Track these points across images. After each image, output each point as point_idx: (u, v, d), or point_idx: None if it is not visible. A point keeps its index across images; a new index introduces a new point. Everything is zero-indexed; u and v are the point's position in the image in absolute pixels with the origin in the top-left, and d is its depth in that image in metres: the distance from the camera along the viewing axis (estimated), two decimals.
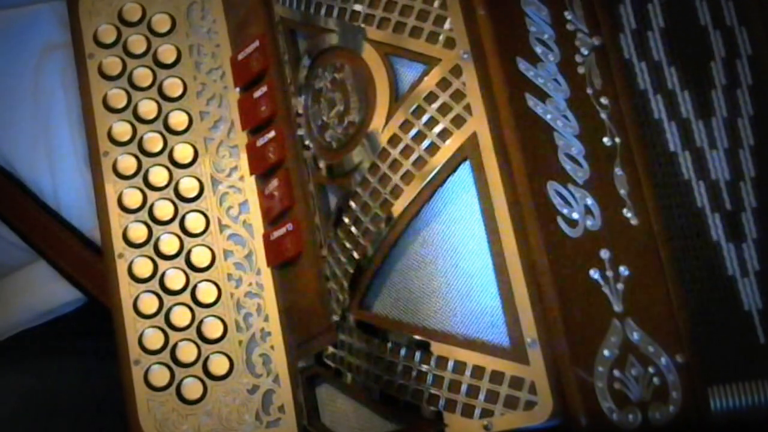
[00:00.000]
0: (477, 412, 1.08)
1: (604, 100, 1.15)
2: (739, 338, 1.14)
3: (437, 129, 1.13)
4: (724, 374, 1.11)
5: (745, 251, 1.16)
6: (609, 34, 1.17)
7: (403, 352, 1.12)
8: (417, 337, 1.11)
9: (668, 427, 1.08)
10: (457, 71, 1.13)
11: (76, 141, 1.37)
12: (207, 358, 1.29)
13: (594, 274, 1.10)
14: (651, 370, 1.09)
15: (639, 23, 1.19)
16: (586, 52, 1.16)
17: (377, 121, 1.15)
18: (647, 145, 1.16)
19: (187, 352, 1.29)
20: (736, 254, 1.16)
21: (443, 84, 1.13)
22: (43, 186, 1.37)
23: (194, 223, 1.32)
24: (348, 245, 1.17)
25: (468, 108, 1.12)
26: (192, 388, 1.28)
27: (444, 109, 1.13)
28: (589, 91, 1.15)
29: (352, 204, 1.16)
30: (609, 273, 1.10)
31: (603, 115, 1.15)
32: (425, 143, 1.13)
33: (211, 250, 1.32)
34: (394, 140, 1.14)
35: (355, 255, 1.16)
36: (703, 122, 1.19)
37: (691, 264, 1.14)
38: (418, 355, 1.11)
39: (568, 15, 1.16)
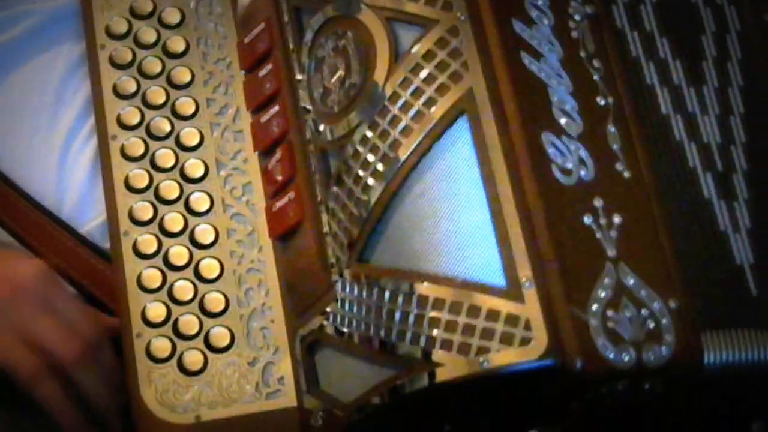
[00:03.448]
0: (473, 349, 1.09)
1: (596, 63, 1.19)
2: (732, 289, 1.15)
3: (435, 84, 1.16)
4: (716, 321, 1.13)
5: (737, 209, 1.19)
6: (601, 4, 1.22)
7: (401, 298, 1.13)
8: (415, 282, 1.13)
9: (662, 369, 1.09)
10: (454, 31, 1.17)
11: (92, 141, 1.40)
12: (208, 332, 1.30)
13: (587, 219, 1.12)
14: (644, 312, 1.10)
15: None
16: (578, 19, 1.20)
17: (377, 81, 1.18)
18: (639, 107, 1.19)
19: (188, 325, 1.30)
20: (728, 211, 1.18)
21: (441, 43, 1.17)
22: (46, 181, 1.39)
23: (199, 202, 1.35)
24: (348, 203, 1.19)
25: (465, 65, 1.16)
26: (193, 360, 1.29)
27: (442, 66, 1.16)
28: (582, 54, 1.19)
29: (352, 163, 1.19)
30: (602, 220, 1.13)
31: (596, 77, 1.18)
32: (423, 98, 1.16)
33: (214, 228, 1.34)
34: (393, 97, 1.17)
35: (355, 212, 1.18)
36: (695, 89, 1.22)
37: (683, 218, 1.16)
38: (415, 299, 1.12)
39: None
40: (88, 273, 1.37)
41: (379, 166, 1.17)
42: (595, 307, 1.09)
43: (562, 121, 1.15)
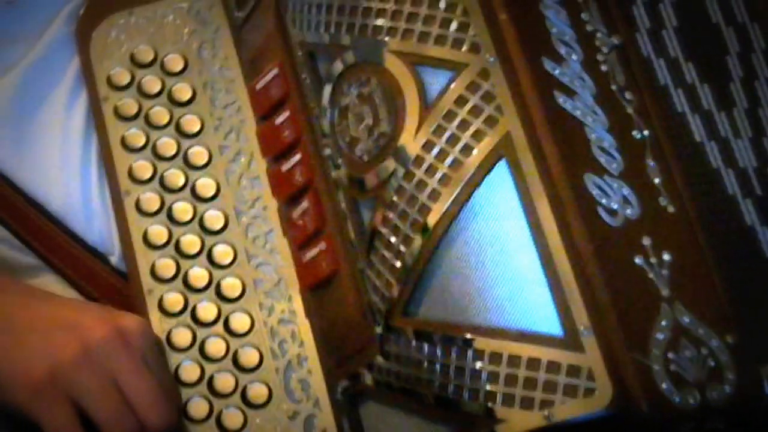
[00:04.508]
0: (536, 403, 1.07)
1: (628, 95, 1.17)
2: None
3: (470, 131, 1.14)
4: None
5: None
6: (626, 34, 1.20)
7: (454, 352, 1.12)
8: (468, 335, 1.11)
9: (725, 408, 1.08)
10: (484, 74, 1.15)
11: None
12: (245, 388, 1.28)
13: (639, 260, 1.11)
14: (704, 351, 1.09)
15: (653, 22, 1.22)
16: (606, 51, 1.18)
17: (409, 129, 1.16)
18: (674, 137, 1.18)
19: (224, 383, 1.28)
20: None
21: (472, 87, 1.15)
22: (71, 203, 1.36)
23: (222, 255, 1.32)
24: (388, 255, 1.17)
25: (499, 108, 1.14)
26: (232, 419, 1.27)
27: (475, 111, 1.14)
28: (614, 87, 1.17)
29: (389, 214, 1.17)
30: (653, 259, 1.11)
31: (629, 110, 1.17)
32: (459, 145, 1.14)
33: (241, 280, 1.31)
34: (427, 145, 1.15)
35: (397, 264, 1.16)
36: (726, 113, 1.21)
37: (729, 248, 1.15)
38: (470, 353, 1.11)
39: (585, 16, 1.19)
40: (120, 300, 1.33)
41: (419, 218, 1.15)
42: (655, 350, 1.08)
43: (602, 159, 1.14)
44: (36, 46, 1.38)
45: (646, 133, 1.16)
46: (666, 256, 1.12)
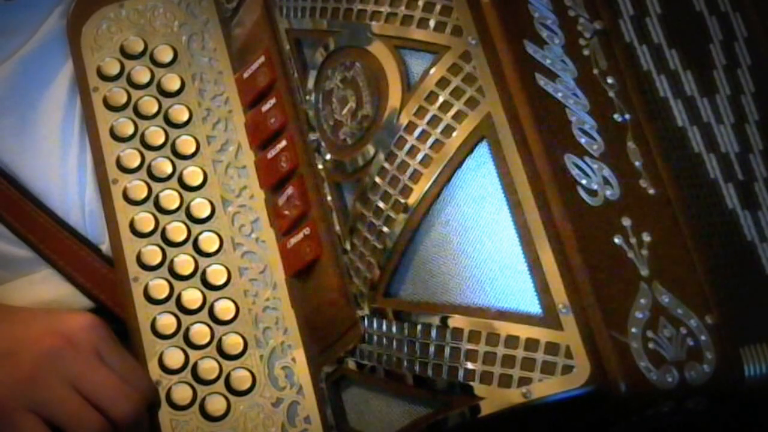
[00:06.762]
0: (514, 381, 1.07)
1: (610, 80, 1.18)
2: (765, 301, 1.14)
3: (452, 112, 1.14)
4: (754, 335, 1.12)
5: (761, 219, 1.18)
6: (609, 20, 1.20)
7: (434, 332, 1.12)
8: (448, 314, 1.11)
9: (704, 387, 1.08)
10: (466, 57, 1.15)
11: None
12: (229, 375, 1.28)
13: (617, 240, 1.11)
14: (683, 331, 1.09)
15: (637, 10, 1.22)
16: (588, 36, 1.19)
17: (391, 111, 1.17)
18: (656, 121, 1.18)
19: (208, 369, 1.28)
20: (753, 221, 1.18)
21: (454, 69, 1.15)
22: (68, 195, 1.37)
23: (208, 243, 1.33)
24: (370, 237, 1.17)
25: (480, 90, 1.14)
26: (215, 405, 1.27)
27: (457, 93, 1.15)
28: (595, 71, 1.18)
29: (371, 195, 1.17)
30: (632, 240, 1.11)
31: (611, 94, 1.17)
32: (441, 126, 1.14)
33: (226, 268, 1.32)
34: (409, 127, 1.16)
35: (378, 245, 1.16)
36: (708, 99, 1.21)
37: (710, 231, 1.15)
38: (449, 332, 1.11)
39: (567, 2, 1.19)
40: (110, 290, 1.33)
41: (400, 198, 1.15)
42: (634, 329, 1.08)
43: (583, 141, 1.14)
44: (34, 38, 1.39)
45: (627, 116, 1.17)
46: (646, 237, 1.12)
